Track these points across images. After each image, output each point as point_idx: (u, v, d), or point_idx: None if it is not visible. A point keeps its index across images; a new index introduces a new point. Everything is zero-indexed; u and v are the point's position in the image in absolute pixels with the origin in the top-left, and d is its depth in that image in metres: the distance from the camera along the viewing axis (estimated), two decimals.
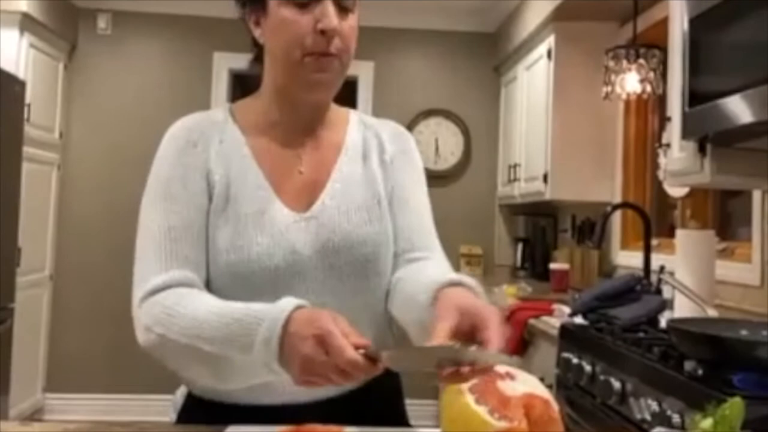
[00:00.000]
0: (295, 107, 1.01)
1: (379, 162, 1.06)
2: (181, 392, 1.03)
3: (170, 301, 0.88)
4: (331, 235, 0.97)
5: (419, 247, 1.04)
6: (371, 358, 0.75)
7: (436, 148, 4.19)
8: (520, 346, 2.39)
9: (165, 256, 0.92)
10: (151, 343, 0.88)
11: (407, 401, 1.10)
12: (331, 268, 0.96)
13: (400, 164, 1.08)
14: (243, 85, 4.44)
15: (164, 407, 1.12)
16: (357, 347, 0.75)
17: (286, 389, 0.87)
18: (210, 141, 0.99)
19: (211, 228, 0.96)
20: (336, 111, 1.09)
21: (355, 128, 1.08)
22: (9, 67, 3.19)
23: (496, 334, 0.78)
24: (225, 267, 0.93)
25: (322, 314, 0.78)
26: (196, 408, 1.00)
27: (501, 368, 0.84)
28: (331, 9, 0.93)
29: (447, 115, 4.20)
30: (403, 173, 1.07)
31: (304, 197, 1.00)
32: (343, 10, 0.95)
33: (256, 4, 0.98)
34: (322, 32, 0.93)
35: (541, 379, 1.74)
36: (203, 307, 0.87)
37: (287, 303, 0.81)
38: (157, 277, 0.91)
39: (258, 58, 1.05)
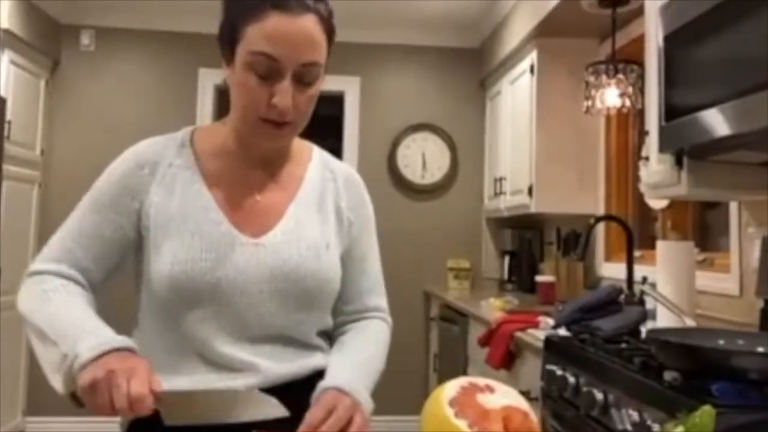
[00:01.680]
0: (252, 147, 1.06)
1: (334, 208, 1.11)
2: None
3: (46, 285, 0.99)
4: (281, 264, 1.02)
5: (369, 308, 1.15)
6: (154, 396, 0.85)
7: (423, 163, 4.22)
8: (507, 359, 2.39)
9: (65, 251, 1.02)
10: (20, 314, 0.98)
11: (385, 417, 1.13)
12: (275, 292, 1.02)
13: (358, 220, 1.13)
14: (229, 101, 4.45)
15: None
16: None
17: (228, 385, 0.97)
18: (158, 165, 1.05)
19: (152, 244, 1.01)
20: (299, 145, 1.13)
21: (316, 167, 1.13)
22: None
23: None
24: (168, 279, 0.98)
25: (137, 361, 0.88)
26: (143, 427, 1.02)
27: (481, 381, 0.85)
28: (287, 87, 0.96)
29: (433, 129, 4.23)
30: (360, 231, 1.14)
31: (256, 224, 1.04)
32: (304, 83, 0.98)
33: (226, 51, 1.01)
34: (275, 106, 0.97)
35: (528, 393, 1.74)
36: (62, 304, 0.97)
37: (109, 342, 0.89)
38: (50, 264, 1.02)
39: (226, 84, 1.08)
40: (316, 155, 1.15)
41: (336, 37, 1.03)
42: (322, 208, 1.09)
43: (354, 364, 1.05)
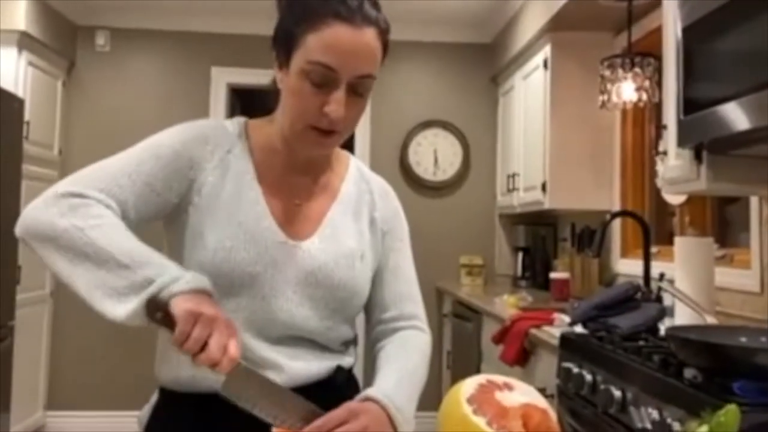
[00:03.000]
0: (296, 151, 1.06)
1: (369, 220, 1.12)
2: (149, 406, 1.08)
3: (96, 210, 0.91)
4: (317, 270, 1.02)
5: (406, 317, 1.13)
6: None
7: (435, 159, 4.20)
8: (521, 356, 2.38)
9: (116, 186, 0.95)
10: (39, 230, 0.90)
11: None
12: (306, 295, 1.02)
13: (391, 231, 1.14)
14: (241, 99, 4.47)
15: None
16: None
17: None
18: (219, 146, 1.04)
19: (195, 227, 1.00)
20: (338, 154, 1.14)
21: (353, 179, 1.13)
22: (8, 85, 3.21)
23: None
24: (210, 264, 0.98)
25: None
26: (169, 403, 1.04)
27: (499, 378, 0.84)
28: (342, 97, 0.95)
29: (445, 126, 4.21)
30: (393, 241, 1.14)
31: (297, 227, 1.05)
32: (356, 95, 0.98)
33: (282, 56, 0.99)
34: (327, 115, 0.96)
35: (543, 390, 1.73)
36: (124, 231, 0.92)
37: (207, 283, 0.89)
38: (95, 192, 0.93)
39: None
40: (353, 166, 1.16)
41: None
42: (358, 219, 1.10)
43: (398, 377, 1.04)
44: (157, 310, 0.85)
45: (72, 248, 0.88)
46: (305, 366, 1.02)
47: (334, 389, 1.04)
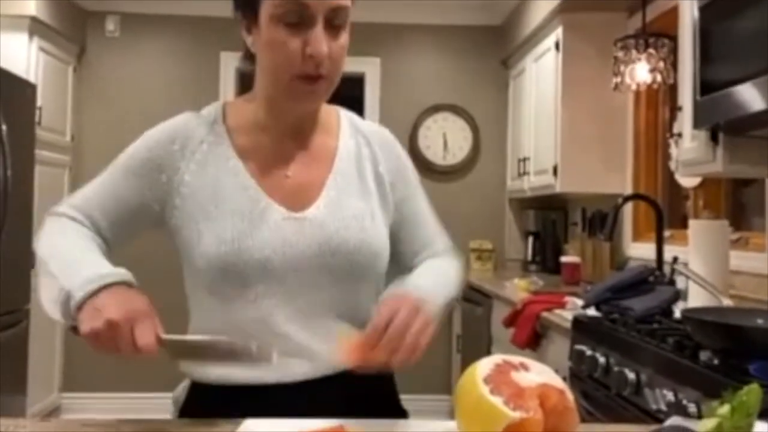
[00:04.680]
0: (284, 114, 1.03)
1: (373, 175, 1.07)
2: (184, 386, 1.05)
3: (58, 224, 1.02)
4: (328, 239, 0.98)
5: (435, 253, 1.11)
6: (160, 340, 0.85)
7: (445, 143, 4.18)
8: (533, 339, 2.38)
9: (85, 201, 1.03)
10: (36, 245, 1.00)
11: (418, 396, 1.11)
12: (324, 267, 0.99)
13: (399, 180, 1.10)
14: (251, 84, 4.46)
15: None
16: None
17: (287, 371, 0.96)
18: (190, 140, 1.02)
19: (191, 227, 0.99)
20: (326, 112, 1.09)
21: (347, 133, 1.09)
22: (19, 71, 3.21)
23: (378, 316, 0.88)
24: (217, 260, 0.95)
25: (136, 298, 0.87)
26: (201, 395, 1.02)
27: (515, 359, 0.84)
28: (321, 34, 0.93)
29: (455, 109, 4.19)
30: (404, 188, 1.10)
31: (296, 200, 1.01)
32: (334, 29, 0.95)
33: (248, 13, 0.98)
34: (311, 56, 0.93)
35: (555, 373, 1.74)
36: (66, 240, 0.99)
37: (103, 278, 0.88)
38: (69, 209, 1.03)
39: (249, 57, 1.05)
40: (345, 121, 1.10)
41: (357, 17, 1.00)
42: (362, 177, 1.06)
43: (425, 275, 1.03)
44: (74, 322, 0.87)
45: (37, 261, 0.98)
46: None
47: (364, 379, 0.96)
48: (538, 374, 0.83)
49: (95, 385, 3.87)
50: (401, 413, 1.08)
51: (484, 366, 0.83)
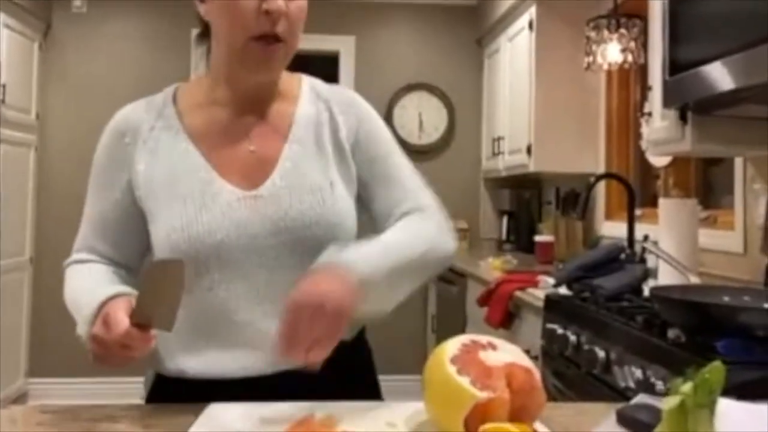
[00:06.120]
0: (240, 85, 1.00)
1: (333, 143, 1.01)
2: (152, 372, 1.04)
3: (69, 271, 1.03)
4: (284, 215, 0.95)
5: (413, 210, 1.03)
6: (143, 326, 0.83)
7: (420, 123, 4.16)
8: (507, 318, 2.40)
9: (84, 240, 1.05)
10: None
11: (393, 377, 1.10)
12: (284, 245, 0.95)
13: (362, 140, 1.03)
14: None
15: None
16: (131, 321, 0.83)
17: (251, 362, 0.93)
18: (139, 130, 1.00)
19: (149, 213, 0.98)
20: (288, 80, 1.05)
21: (308, 99, 1.04)
22: None
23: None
24: (168, 247, 0.94)
25: (114, 301, 0.87)
26: (165, 386, 1.00)
27: (482, 338, 0.84)
28: None
29: (430, 89, 4.17)
30: (369, 148, 1.03)
31: (253, 175, 0.97)
32: None
33: None
34: (267, 13, 0.90)
35: (528, 351, 1.75)
36: (78, 282, 1.00)
37: (102, 294, 0.90)
38: (76, 254, 1.05)
39: (204, 33, 1.02)
40: (306, 87, 1.05)
41: None
42: (320, 144, 1.00)
43: (369, 243, 0.93)
44: None
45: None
46: None
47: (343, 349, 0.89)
48: (506, 353, 0.83)
49: (62, 370, 3.81)
50: (377, 395, 1.07)
51: (451, 346, 0.82)
